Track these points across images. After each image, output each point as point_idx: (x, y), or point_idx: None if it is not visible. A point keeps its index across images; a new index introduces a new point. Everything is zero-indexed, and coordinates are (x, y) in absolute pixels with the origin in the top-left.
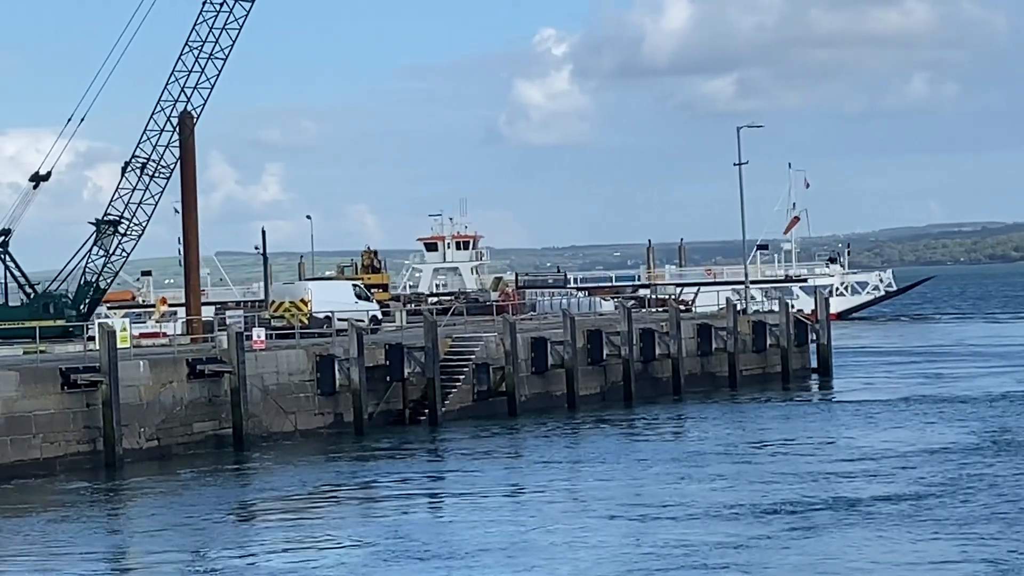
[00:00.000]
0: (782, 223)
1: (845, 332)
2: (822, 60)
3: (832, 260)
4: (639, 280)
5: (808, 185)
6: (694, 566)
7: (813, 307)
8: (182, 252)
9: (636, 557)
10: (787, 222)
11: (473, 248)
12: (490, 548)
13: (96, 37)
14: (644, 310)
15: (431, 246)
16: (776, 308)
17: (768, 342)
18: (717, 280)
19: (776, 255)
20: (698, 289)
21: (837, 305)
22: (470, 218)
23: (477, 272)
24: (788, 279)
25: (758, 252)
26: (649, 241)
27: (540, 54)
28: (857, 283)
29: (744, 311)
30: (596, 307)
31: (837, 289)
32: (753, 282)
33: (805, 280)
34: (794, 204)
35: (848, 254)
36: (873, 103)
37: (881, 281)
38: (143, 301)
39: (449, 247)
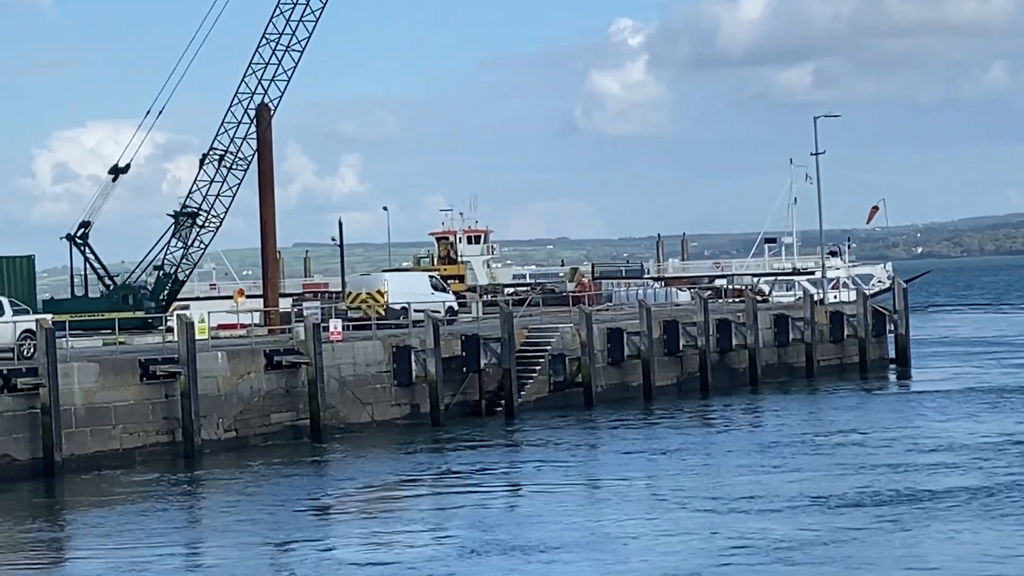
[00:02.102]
0: (785, 217)
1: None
2: (898, 49)
3: (833, 253)
4: (648, 273)
5: (809, 179)
6: (774, 560)
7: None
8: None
9: (715, 551)
10: (789, 216)
11: (484, 242)
12: (567, 541)
13: (175, 30)
14: (721, 300)
15: (443, 239)
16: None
17: (845, 332)
18: (725, 273)
19: (782, 249)
20: (774, 280)
21: (844, 298)
22: (480, 213)
23: (488, 266)
24: (795, 272)
25: (766, 245)
26: (659, 235)
27: (616, 45)
28: (861, 276)
29: (821, 301)
30: (672, 297)
31: (843, 282)
32: (762, 275)
33: (812, 273)
34: (796, 199)
35: (849, 248)
36: (950, 92)
37: (886, 274)
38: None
39: (460, 241)
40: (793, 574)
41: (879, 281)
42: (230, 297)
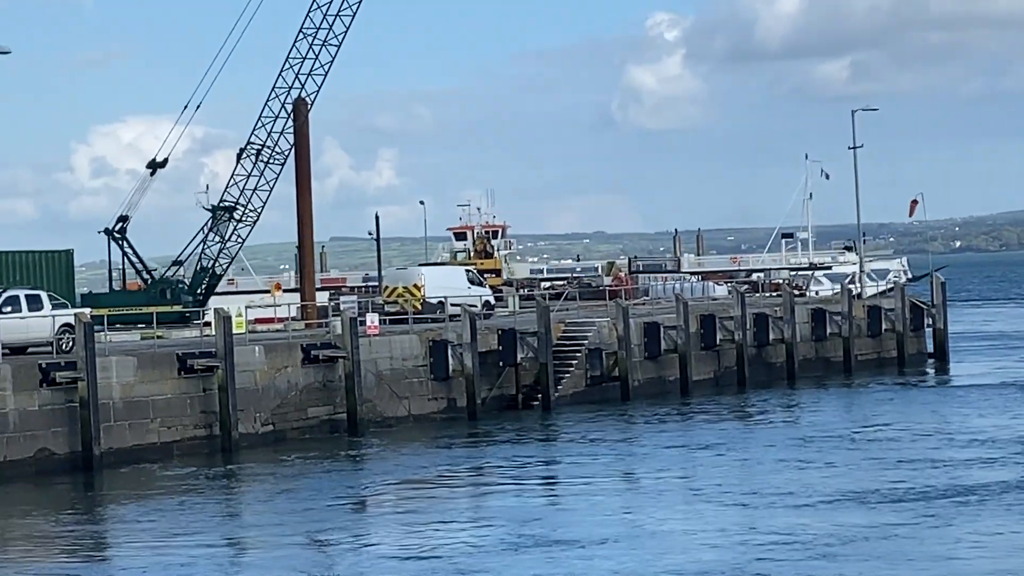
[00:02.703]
0: (800, 213)
1: None
2: (938, 42)
3: (848, 248)
4: (666, 267)
5: (827, 176)
6: (812, 556)
7: (833, 293)
8: None
9: (753, 546)
10: (804, 211)
11: (502, 237)
12: (605, 536)
13: (212, 25)
14: (758, 294)
15: (460, 235)
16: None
17: (883, 327)
18: (742, 268)
19: (798, 244)
20: (812, 274)
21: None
22: (497, 208)
23: (506, 261)
24: (812, 266)
25: (783, 240)
26: (675, 230)
27: (652, 38)
28: (875, 271)
29: (859, 295)
30: (709, 291)
31: (859, 277)
32: (778, 270)
33: (829, 268)
34: (811, 194)
35: (864, 242)
36: (991, 85)
37: (902, 268)
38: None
39: (479, 236)
40: (832, 570)
41: (895, 275)
42: (249, 292)
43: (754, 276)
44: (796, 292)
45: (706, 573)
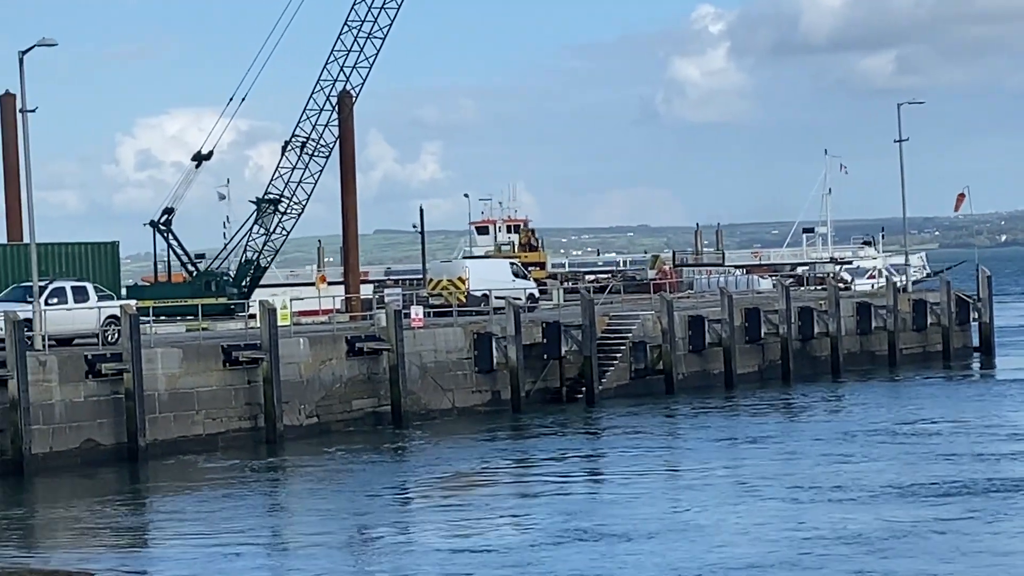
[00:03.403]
0: (818, 207)
1: None
2: (983, 36)
3: (867, 243)
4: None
5: (846, 171)
6: (857, 551)
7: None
8: None
9: (798, 541)
10: (823, 206)
11: (524, 231)
12: (650, 529)
13: (257, 17)
14: (803, 288)
15: (482, 229)
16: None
17: (929, 321)
18: (762, 263)
19: (817, 239)
20: (856, 267)
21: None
22: (519, 202)
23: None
24: (833, 261)
25: (804, 235)
26: (697, 224)
27: (697, 32)
28: (894, 266)
29: (904, 289)
30: (754, 285)
31: (880, 271)
32: (800, 264)
33: (850, 262)
34: (830, 189)
35: (883, 238)
36: None
37: (922, 263)
38: None
39: (500, 231)
40: (878, 564)
41: (916, 270)
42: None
43: (799, 269)
44: (841, 286)
45: (753, 567)
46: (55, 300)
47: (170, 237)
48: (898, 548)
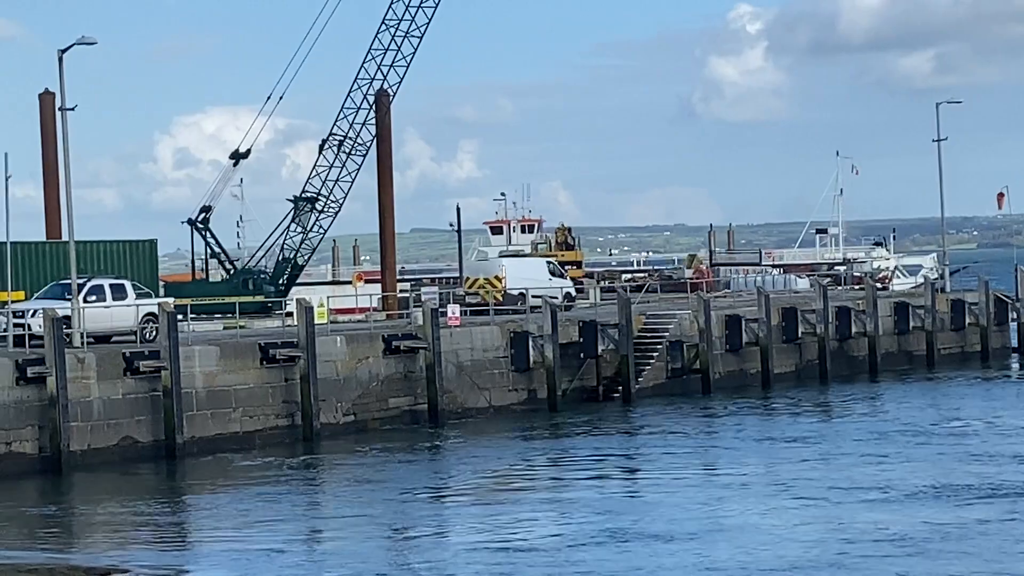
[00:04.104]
0: (830, 208)
1: None
2: (1022, 35)
3: (878, 244)
4: (675, 266)
5: (857, 172)
6: (895, 551)
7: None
8: None
9: (839, 542)
10: (835, 206)
11: (538, 231)
12: (688, 529)
13: (294, 16)
14: (840, 287)
15: (497, 229)
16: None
17: (967, 321)
18: (776, 263)
19: (830, 239)
20: (895, 267)
21: (896, 287)
22: (533, 202)
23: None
24: (847, 262)
25: (817, 236)
26: (711, 225)
27: (735, 31)
28: (906, 266)
29: (942, 289)
30: (791, 284)
31: (893, 272)
32: (813, 264)
33: (864, 263)
34: (841, 190)
35: (894, 238)
36: None
37: (935, 264)
38: None
39: (515, 230)
40: (918, 566)
41: (928, 271)
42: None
43: (836, 268)
44: (879, 286)
45: (795, 568)
46: (93, 298)
47: (208, 235)
48: (939, 549)
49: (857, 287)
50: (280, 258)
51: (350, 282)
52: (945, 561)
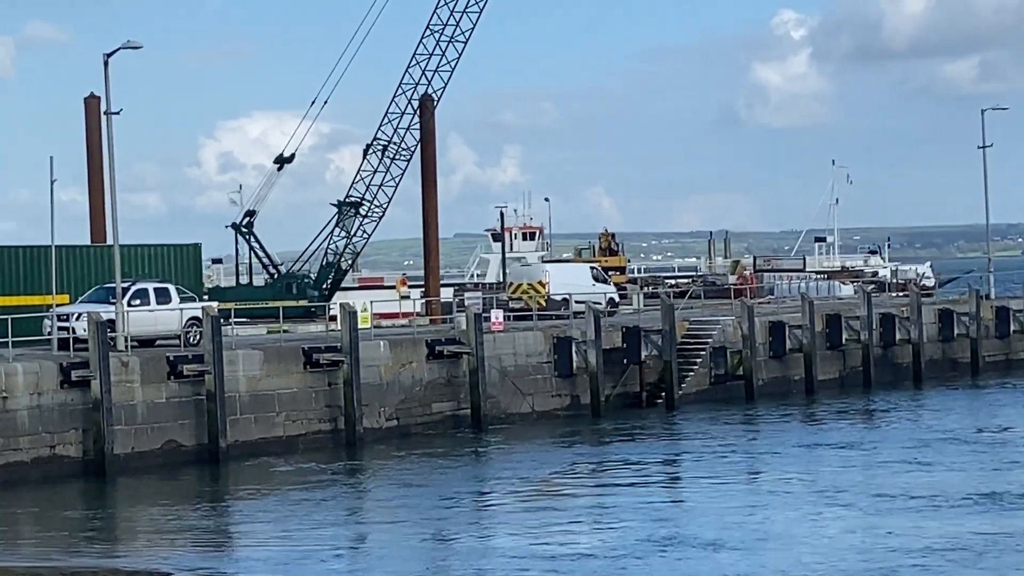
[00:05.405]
0: (827, 216)
1: None
2: None
3: (873, 252)
4: (699, 271)
5: (851, 181)
6: (939, 560)
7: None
8: None
9: (881, 551)
10: (831, 215)
11: (539, 238)
12: (730, 537)
13: (338, 21)
14: (884, 294)
15: (498, 237)
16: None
17: (1012, 328)
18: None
19: (826, 248)
20: (935, 275)
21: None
22: (534, 210)
23: (542, 261)
24: (844, 270)
25: (816, 244)
26: (711, 233)
27: (779, 37)
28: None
29: (987, 296)
30: (835, 291)
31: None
32: (857, 271)
33: (861, 271)
34: (837, 200)
35: (888, 247)
36: None
37: (929, 272)
38: None
39: (516, 237)
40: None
41: (927, 277)
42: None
43: (880, 275)
44: (923, 293)
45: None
46: (138, 301)
47: (252, 239)
48: (987, 558)
49: (900, 294)
50: (324, 263)
51: (393, 287)
52: (993, 571)
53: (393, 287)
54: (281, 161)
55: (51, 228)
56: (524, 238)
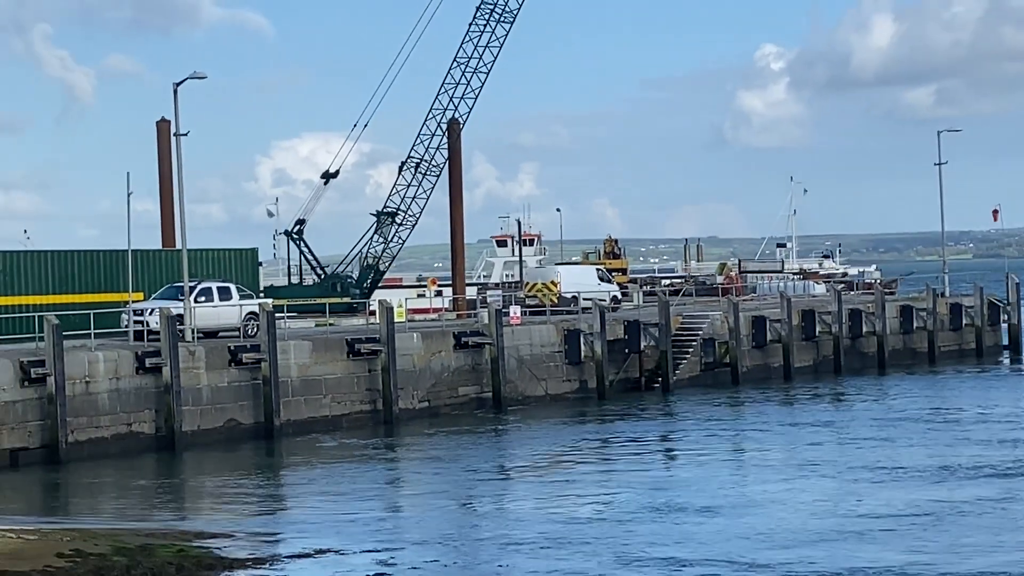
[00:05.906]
0: (786, 225)
1: None
2: (1014, 72)
3: (826, 256)
4: (677, 272)
5: (806, 191)
6: (905, 526)
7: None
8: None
9: (854, 517)
10: (789, 224)
11: (537, 244)
12: (717, 503)
13: (378, 53)
14: (852, 292)
15: (502, 243)
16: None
17: (964, 322)
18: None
19: (787, 252)
20: (881, 276)
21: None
22: (535, 219)
23: (541, 265)
24: (803, 273)
25: (778, 249)
26: (686, 240)
27: (761, 68)
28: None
29: (943, 294)
30: (809, 289)
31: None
32: (777, 272)
33: (817, 273)
34: (795, 211)
35: (840, 251)
36: None
37: (878, 274)
38: None
39: (517, 244)
40: (927, 536)
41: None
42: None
43: (849, 276)
44: (886, 291)
45: (819, 540)
46: (203, 298)
47: (302, 244)
48: (944, 522)
49: (867, 291)
50: (364, 265)
51: (411, 286)
52: (948, 533)
53: (411, 287)
54: (327, 176)
55: (128, 235)
56: (524, 244)
